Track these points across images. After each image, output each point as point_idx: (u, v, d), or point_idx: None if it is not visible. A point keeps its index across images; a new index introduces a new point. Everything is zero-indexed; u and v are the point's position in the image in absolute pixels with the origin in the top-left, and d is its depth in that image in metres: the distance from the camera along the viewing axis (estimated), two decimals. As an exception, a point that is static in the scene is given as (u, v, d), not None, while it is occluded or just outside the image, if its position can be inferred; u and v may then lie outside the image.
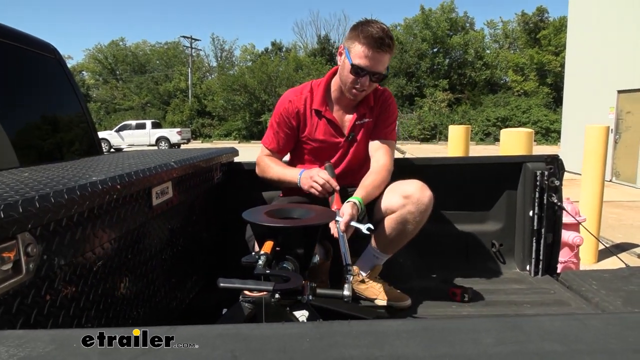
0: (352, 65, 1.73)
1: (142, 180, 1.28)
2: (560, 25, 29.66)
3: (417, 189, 1.76)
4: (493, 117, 28.11)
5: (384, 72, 1.77)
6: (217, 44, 43.14)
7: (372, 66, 1.72)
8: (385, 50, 1.71)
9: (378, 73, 1.75)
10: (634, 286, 1.90)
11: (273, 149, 1.99)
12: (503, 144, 4.04)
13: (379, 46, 1.69)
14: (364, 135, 1.95)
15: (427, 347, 0.47)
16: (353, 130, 1.93)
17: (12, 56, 1.89)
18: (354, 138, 1.94)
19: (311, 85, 1.96)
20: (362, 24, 1.73)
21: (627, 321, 0.54)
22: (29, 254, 0.85)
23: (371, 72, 1.73)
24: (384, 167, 1.85)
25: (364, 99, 1.91)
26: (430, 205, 1.77)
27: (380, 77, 1.77)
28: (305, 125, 1.92)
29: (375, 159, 1.90)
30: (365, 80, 1.75)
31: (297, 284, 1.15)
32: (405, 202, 1.75)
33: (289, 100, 1.93)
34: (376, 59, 1.71)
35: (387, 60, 1.75)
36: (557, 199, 2.15)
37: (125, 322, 1.33)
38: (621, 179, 9.93)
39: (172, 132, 24.70)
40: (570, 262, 3.18)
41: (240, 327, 0.51)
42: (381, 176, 1.82)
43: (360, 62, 1.71)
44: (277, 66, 33.70)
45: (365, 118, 1.93)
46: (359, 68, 1.72)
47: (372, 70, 1.73)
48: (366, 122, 1.94)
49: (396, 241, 1.84)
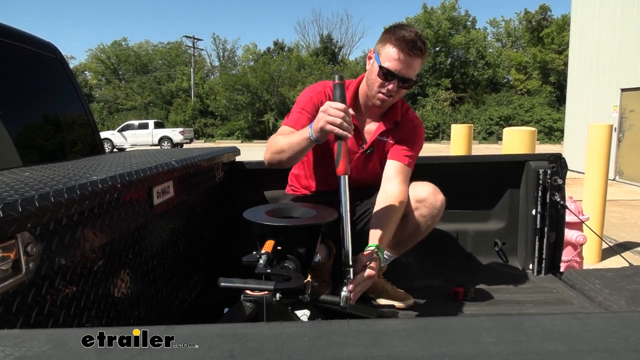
0: (381, 68, 1.64)
1: (143, 179, 1.28)
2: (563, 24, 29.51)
3: (431, 193, 1.74)
4: (496, 116, 28.04)
5: (414, 79, 1.66)
6: (219, 43, 43.28)
7: (401, 70, 1.62)
8: (417, 54, 1.62)
9: (408, 79, 1.65)
10: (637, 285, 1.89)
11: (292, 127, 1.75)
12: (506, 142, 4.02)
13: (411, 49, 1.60)
14: (380, 154, 1.83)
15: (426, 346, 0.46)
16: (373, 145, 1.81)
17: (14, 56, 1.89)
18: (372, 153, 1.82)
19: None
20: (395, 27, 1.65)
21: (629, 320, 0.54)
22: (28, 253, 0.84)
23: (400, 76, 1.63)
24: (398, 199, 1.69)
25: (390, 111, 1.82)
26: (443, 209, 1.75)
27: (410, 83, 1.67)
28: None
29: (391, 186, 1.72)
30: (394, 84, 1.65)
31: (298, 283, 1.14)
32: (418, 205, 1.73)
33: (323, 88, 1.80)
34: (407, 63, 1.62)
35: (418, 66, 1.65)
36: (560, 198, 2.14)
37: (126, 322, 1.33)
38: (625, 177, 9.89)
39: (174, 132, 24.74)
40: (574, 261, 3.17)
41: (238, 327, 0.50)
42: (396, 212, 1.67)
43: (390, 66, 1.62)
44: (279, 66, 33.70)
45: (388, 137, 1.82)
46: (388, 71, 1.63)
47: (402, 74, 1.63)
48: (387, 142, 1.82)
49: (405, 243, 1.83)
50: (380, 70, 1.64)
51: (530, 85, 31.15)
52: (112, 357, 0.46)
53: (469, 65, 32.18)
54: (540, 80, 31.11)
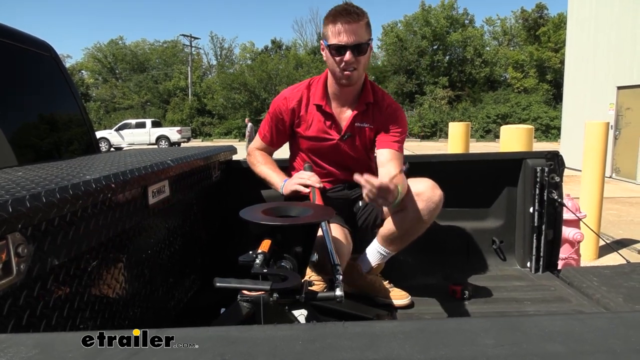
0: (330, 47, 1.70)
1: (138, 178, 1.26)
2: (559, 22, 29.60)
3: (428, 187, 1.74)
4: (493, 114, 28.10)
5: (364, 41, 1.69)
6: (217, 42, 43.17)
7: (347, 39, 1.66)
8: (354, 18, 1.67)
9: (358, 44, 1.68)
10: (634, 282, 1.88)
11: (265, 140, 1.99)
12: (503, 140, 4.02)
13: (345, 16, 1.66)
14: (362, 140, 1.88)
15: (423, 349, 0.45)
16: (350, 130, 1.87)
17: (7, 54, 1.87)
18: (350, 139, 1.87)
19: (309, 82, 1.94)
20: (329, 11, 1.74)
21: (629, 320, 0.53)
22: (19, 254, 0.83)
23: (349, 45, 1.67)
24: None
25: (362, 95, 1.86)
26: (440, 204, 1.75)
27: (364, 48, 1.70)
28: (300, 122, 1.90)
29: (387, 170, 1.76)
30: (349, 55, 1.68)
31: (295, 283, 1.13)
32: (415, 200, 1.74)
33: (284, 97, 1.92)
34: (349, 31, 1.66)
35: (362, 29, 1.68)
36: (557, 196, 2.14)
37: (121, 323, 1.32)
38: (621, 175, 9.92)
39: (172, 130, 24.72)
40: (571, 258, 3.17)
41: (231, 330, 0.49)
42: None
43: (336, 40, 1.68)
44: (277, 64, 33.70)
45: (367, 122, 1.86)
46: (336, 46, 1.68)
47: (350, 43, 1.67)
48: (366, 127, 1.87)
49: (403, 238, 1.83)
50: (330, 49, 1.71)
51: (527, 83, 31.21)
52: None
53: (467, 63, 32.22)
54: (537, 78, 31.18)
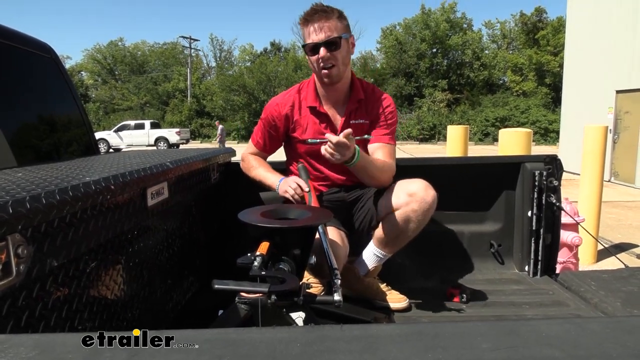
0: (304, 47, 1.77)
1: (137, 180, 1.26)
2: (558, 26, 29.67)
3: (422, 187, 1.75)
4: (492, 117, 28.11)
5: (337, 36, 1.73)
6: (216, 44, 43.18)
7: (318, 37, 1.72)
8: (322, 16, 1.72)
9: (330, 41, 1.72)
10: (633, 287, 1.89)
11: (258, 146, 2.02)
12: (502, 144, 4.03)
13: (313, 15, 1.72)
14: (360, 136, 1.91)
15: (421, 352, 0.45)
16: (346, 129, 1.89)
17: (8, 56, 1.88)
18: None
19: (299, 86, 1.95)
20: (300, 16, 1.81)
21: (626, 325, 0.53)
22: (19, 255, 0.83)
23: (321, 43, 1.72)
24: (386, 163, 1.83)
25: (352, 93, 1.89)
26: (434, 205, 1.76)
27: (337, 43, 1.74)
28: (296, 127, 1.91)
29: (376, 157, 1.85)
30: (324, 51, 1.73)
31: (293, 285, 1.13)
32: (409, 200, 1.74)
33: (276, 103, 1.93)
34: (318, 29, 1.72)
35: (332, 25, 1.73)
36: (555, 199, 2.14)
37: (120, 325, 1.32)
38: (620, 179, 9.93)
39: (171, 132, 24.68)
40: (569, 262, 3.17)
41: (229, 332, 0.50)
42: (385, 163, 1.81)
43: (310, 40, 1.74)
44: (276, 66, 33.71)
45: (362, 119, 1.90)
46: (310, 45, 1.74)
47: (321, 40, 1.72)
48: (363, 123, 1.90)
49: (398, 240, 1.83)
50: (306, 50, 1.78)
51: (526, 86, 31.28)
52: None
53: (465, 66, 32.29)
54: (536, 81, 31.25)
